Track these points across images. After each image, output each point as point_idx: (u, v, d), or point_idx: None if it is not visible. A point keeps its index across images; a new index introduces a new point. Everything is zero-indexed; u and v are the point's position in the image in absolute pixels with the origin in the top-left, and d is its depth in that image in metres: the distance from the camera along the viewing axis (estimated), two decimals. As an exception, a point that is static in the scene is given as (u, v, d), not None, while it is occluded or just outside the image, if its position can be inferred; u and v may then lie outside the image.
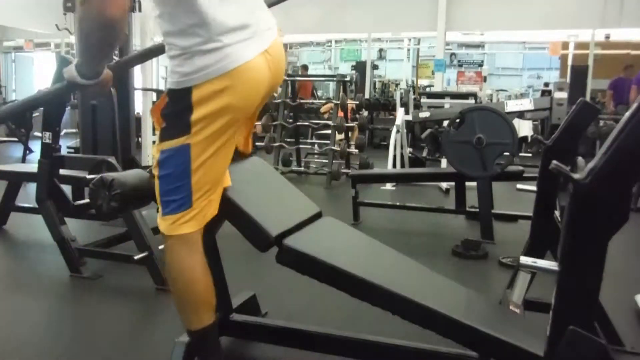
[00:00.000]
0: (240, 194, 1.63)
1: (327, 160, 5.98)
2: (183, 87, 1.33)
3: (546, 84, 10.87)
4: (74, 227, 2.98)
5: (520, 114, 5.76)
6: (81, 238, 2.94)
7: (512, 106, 5.21)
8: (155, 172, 1.43)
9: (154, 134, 6.22)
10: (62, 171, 2.99)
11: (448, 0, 8.68)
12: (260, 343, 1.97)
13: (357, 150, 6.01)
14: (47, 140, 2.80)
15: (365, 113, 8.74)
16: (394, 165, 5.73)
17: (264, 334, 1.94)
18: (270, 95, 1.98)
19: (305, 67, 11.37)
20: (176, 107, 1.36)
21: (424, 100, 7.43)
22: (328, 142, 6.06)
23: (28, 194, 3.95)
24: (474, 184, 3.75)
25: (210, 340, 1.56)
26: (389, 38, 13.96)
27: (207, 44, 1.32)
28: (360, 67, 11.57)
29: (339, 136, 6.13)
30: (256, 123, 6.43)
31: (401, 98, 7.84)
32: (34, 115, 6.28)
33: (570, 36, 10.18)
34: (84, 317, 2.36)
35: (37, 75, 13.59)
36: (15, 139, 8.48)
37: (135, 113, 5.02)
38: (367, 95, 10.36)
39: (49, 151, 2.82)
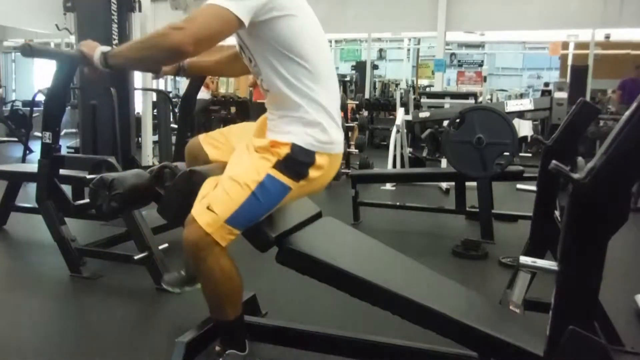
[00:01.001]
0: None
1: (327, 160, 5.96)
2: (312, 149, 1.54)
3: (546, 84, 10.87)
4: (74, 227, 2.98)
5: (520, 114, 5.75)
6: (81, 238, 2.94)
7: (512, 106, 5.20)
8: (252, 185, 1.49)
9: (154, 134, 6.22)
10: (62, 171, 2.98)
11: (448, 0, 8.68)
12: (260, 343, 1.97)
13: (357, 150, 6.01)
14: (47, 140, 2.80)
15: (365, 113, 8.74)
16: (394, 165, 5.73)
17: (264, 334, 1.94)
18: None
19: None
20: (300, 159, 1.53)
21: (424, 100, 7.42)
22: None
23: (28, 194, 3.95)
24: (474, 184, 3.75)
25: (241, 326, 1.68)
26: (389, 38, 13.96)
27: (336, 126, 1.59)
28: (360, 67, 11.57)
29: (339, 136, 6.12)
30: (256, 123, 6.33)
31: (401, 98, 7.84)
32: (34, 115, 6.27)
33: (570, 36, 10.18)
34: (84, 317, 2.37)
35: (37, 75, 13.60)
36: (15, 139, 8.50)
37: (135, 113, 5.02)
38: (367, 95, 10.36)
39: (49, 151, 2.82)
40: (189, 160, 1.84)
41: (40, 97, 5.96)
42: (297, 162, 1.52)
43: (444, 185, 5.46)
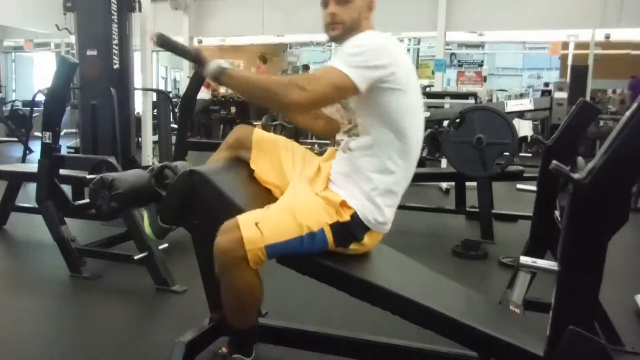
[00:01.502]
0: (240, 194, 1.63)
1: (327, 160, 5.96)
2: (367, 226, 1.55)
3: (546, 84, 10.86)
4: (74, 227, 2.98)
5: (520, 114, 5.75)
6: (81, 238, 2.94)
7: (512, 106, 5.20)
8: (305, 230, 1.48)
9: (154, 134, 6.22)
10: (62, 171, 2.98)
11: (448, 0, 8.67)
12: (261, 343, 1.97)
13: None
14: (47, 140, 2.80)
15: (365, 113, 8.70)
16: (394, 165, 5.72)
17: (264, 334, 1.94)
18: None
19: (307, 67, 11.36)
20: (354, 231, 1.54)
21: (423, 100, 7.40)
22: (328, 142, 6.06)
23: (28, 194, 3.95)
24: (474, 184, 3.75)
25: (254, 334, 1.68)
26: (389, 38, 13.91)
27: (394, 207, 1.63)
28: (360, 67, 11.53)
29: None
30: (256, 123, 6.45)
31: (401, 98, 7.82)
32: (34, 115, 6.27)
33: (570, 36, 10.15)
34: (84, 317, 2.36)
35: (37, 75, 13.60)
36: (15, 139, 8.49)
37: (135, 113, 5.01)
38: (367, 95, 10.32)
39: (49, 151, 2.82)
40: (232, 144, 1.78)
41: (40, 97, 5.96)
42: (350, 232, 1.53)
43: (444, 185, 5.46)
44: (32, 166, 3.43)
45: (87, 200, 2.04)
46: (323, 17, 1.63)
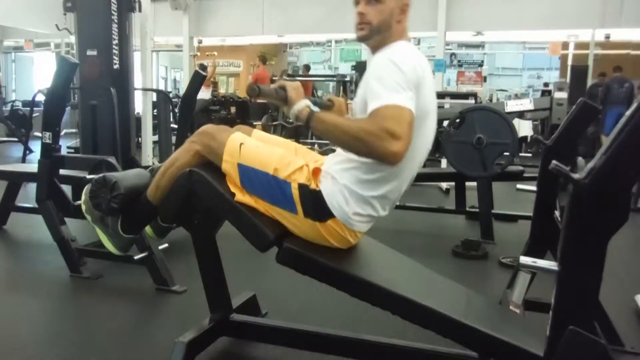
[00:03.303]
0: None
1: (327, 160, 5.96)
2: (333, 212, 1.52)
3: (546, 84, 10.87)
4: (74, 227, 2.98)
5: (520, 114, 5.75)
6: (81, 238, 2.94)
7: (512, 106, 5.20)
8: (274, 172, 1.54)
9: (154, 134, 6.22)
10: (62, 171, 2.98)
11: (448, 0, 8.67)
12: (260, 343, 1.97)
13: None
14: (47, 140, 2.80)
15: (365, 113, 8.69)
16: (394, 165, 5.71)
17: (264, 334, 1.94)
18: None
19: (307, 67, 11.35)
20: (319, 202, 1.52)
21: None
22: (328, 142, 6.06)
23: (28, 194, 3.95)
24: (474, 184, 3.75)
25: (146, 217, 1.79)
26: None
27: (375, 213, 1.59)
28: (360, 67, 11.52)
29: (339, 136, 6.11)
30: (256, 123, 6.43)
31: (401, 98, 7.81)
32: (34, 115, 6.28)
33: (570, 36, 10.15)
34: (84, 317, 2.36)
35: (37, 75, 13.61)
36: (15, 139, 8.50)
37: (135, 113, 5.01)
38: (367, 95, 10.31)
39: (49, 151, 2.82)
40: None
41: (40, 97, 5.96)
42: (318, 203, 1.52)
43: (444, 185, 5.46)
44: (32, 166, 3.43)
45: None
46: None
